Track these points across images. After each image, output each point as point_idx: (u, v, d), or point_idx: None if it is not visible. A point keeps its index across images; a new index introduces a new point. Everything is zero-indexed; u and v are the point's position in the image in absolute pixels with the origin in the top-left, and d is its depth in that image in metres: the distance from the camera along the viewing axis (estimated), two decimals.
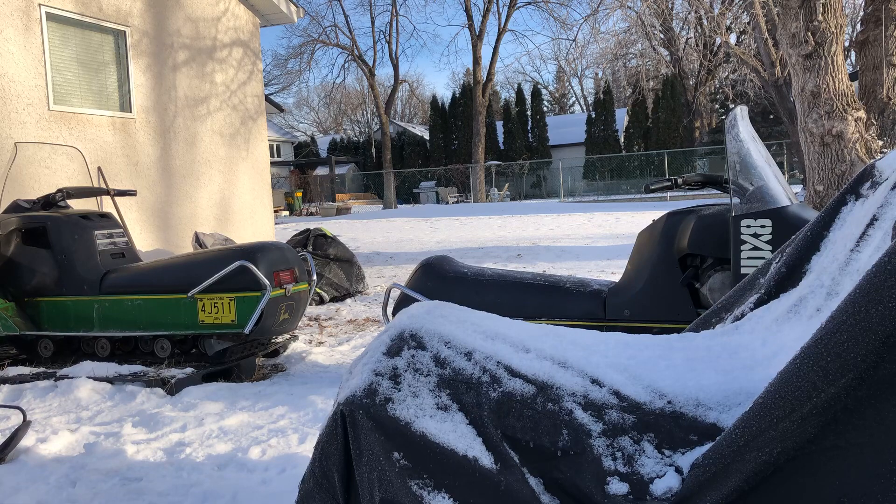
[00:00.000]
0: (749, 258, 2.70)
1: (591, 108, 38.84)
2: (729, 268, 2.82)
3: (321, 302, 6.39)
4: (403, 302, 3.29)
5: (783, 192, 2.84)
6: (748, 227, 2.72)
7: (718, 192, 3.21)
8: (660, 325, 2.95)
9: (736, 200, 2.77)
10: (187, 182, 8.21)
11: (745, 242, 2.72)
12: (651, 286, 2.98)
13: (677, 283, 2.93)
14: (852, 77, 6.65)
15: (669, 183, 3.23)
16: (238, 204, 8.99)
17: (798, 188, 13.28)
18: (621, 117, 33.97)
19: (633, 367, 1.29)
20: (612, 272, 7.22)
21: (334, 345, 4.65)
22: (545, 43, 73.11)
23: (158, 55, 7.94)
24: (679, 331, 2.87)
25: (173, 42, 8.15)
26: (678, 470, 1.09)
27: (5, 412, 3.18)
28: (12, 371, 3.96)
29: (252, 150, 9.32)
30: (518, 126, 34.75)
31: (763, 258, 2.67)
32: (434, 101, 36.99)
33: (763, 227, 2.70)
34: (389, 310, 3.53)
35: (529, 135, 35.03)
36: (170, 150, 8.01)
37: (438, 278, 3.31)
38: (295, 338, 4.61)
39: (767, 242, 2.69)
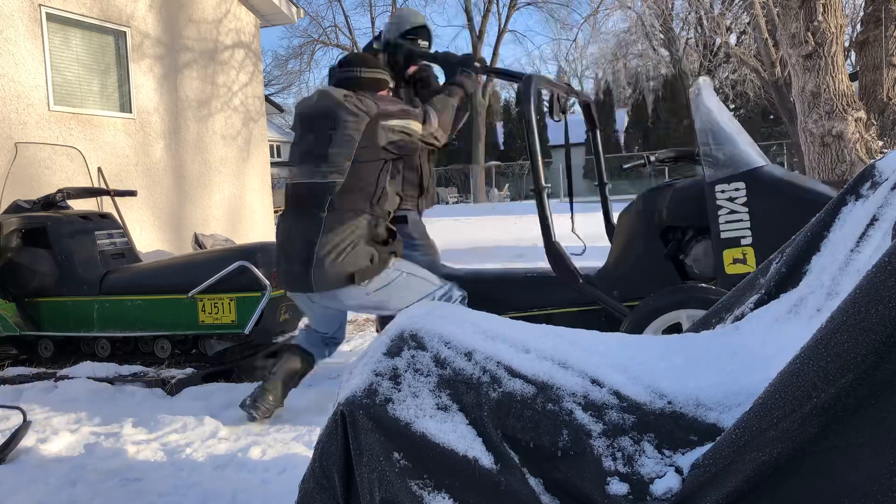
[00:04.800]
0: (727, 222, 2.72)
1: None
2: (710, 236, 2.83)
3: None
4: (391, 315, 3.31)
5: (754, 153, 2.86)
6: (723, 191, 2.74)
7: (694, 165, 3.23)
8: None
9: (710, 172, 2.78)
10: (187, 183, 8.21)
11: (721, 207, 2.74)
12: (637, 264, 3.01)
13: (662, 258, 2.95)
14: (852, 77, 6.65)
15: (642, 161, 3.26)
16: (239, 204, 9.00)
17: None
18: (621, 117, 33.97)
19: (634, 367, 1.29)
20: None
21: None
22: (545, 44, 73.16)
23: (159, 56, 7.94)
24: None
25: (174, 43, 8.15)
26: (678, 470, 1.09)
27: (5, 412, 3.18)
28: (12, 371, 3.96)
29: (253, 150, 9.32)
30: (518, 126, 34.73)
31: (741, 220, 2.69)
32: None
33: (737, 189, 2.72)
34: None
35: None
36: (170, 151, 8.01)
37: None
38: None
39: (743, 204, 2.71)
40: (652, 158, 3.26)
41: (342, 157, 2.89)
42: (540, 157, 2.91)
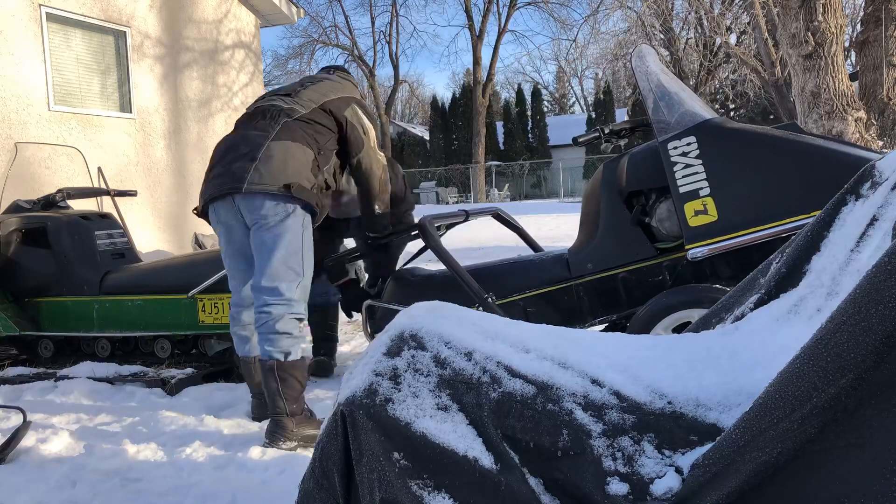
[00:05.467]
0: (684, 177, 2.74)
1: (591, 108, 38.84)
2: (670, 195, 2.85)
3: None
4: (384, 317, 3.32)
5: (700, 109, 2.88)
6: (675, 148, 2.76)
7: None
8: (624, 270, 2.99)
9: (660, 132, 2.80)
10: (188, 183, 8.21)
11: (676, 164, 2.75)
12: (606, 234, 3.02)
13: (628, 225, 2.97)
14: (852, 77, 6.65)
15: (597, 133, 3.29)
16: None
17: None
18: (621, 117, 33.97)
19: (634, 367, 1.29)
20: None
21: None
22: (545, 43, 73.15)
23: (159, 56, 7.94)
24: (642, 270, 2.95)
25: (174, 43, 8.15)
26: (678, 470, 1.09)
27: (5, 412, 3.18)
28: (12, 371, 3.96)
29: None
30: (518, 126, 34.75)
31: (696, 173, 2.72)
32: (434, 101, 37.01)
33: (689, 144, 2.74)
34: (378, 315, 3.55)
35: (529, 135, 35.02)
36: (170, 151, 8.01)
37: (411, 286, 3.37)
38: None
39: (696, 157, 2.73)
40: (606, 130, 3.28)
41: (312, 99, 3.00)
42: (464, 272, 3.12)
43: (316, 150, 2.90)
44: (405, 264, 3.72)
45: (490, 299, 3.04)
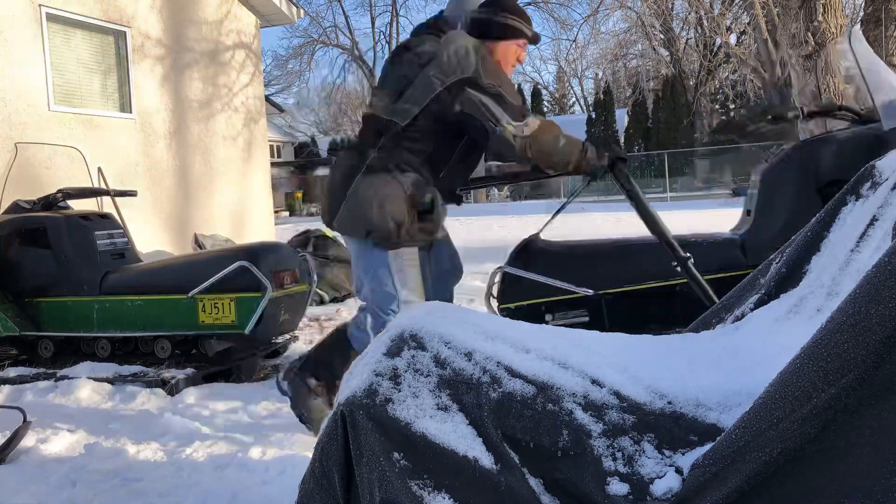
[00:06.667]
0: None
1: (591, 108, 38.84)
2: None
3: (321, 302, 6.38)
4: (511, 284, 2.98)
5: None
6: None
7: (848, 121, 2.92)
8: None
9: (888, 117, 2.53)
10: (188, 183, 8.21)
11: None
12: (792, 223, 2.56)
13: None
14: None
15: (796, 113, 2.98)
16: (240, 204, 8.99)
17: None
18: (621, 118, 33.97)
19: (634, 367, 1.29)
20: None
21: None
22: (545, 43, 73.01)
23: (160, 56, 7.94)
24: None
25: (175, 44, 8.15)
26: (678, 470, 1.09)
27: (5, 412, 3.18)
28: (12, 371, 3.96)
29: (253, 151, 9.32)
30: None
31: None
32: None
33: None
34: (495, 290, 3.05)
35: None
36: (170, 151, 8.01)
37: (548, 255, 3.01)
38: (295, 338, 4.61)
39: None
40: (805, 111, 2.95)
41: (412, 101, 2.58)
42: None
43: (420, 163, 2.62)
44: (538, 232, 3.17)
45: (690, 262, 2.58)
